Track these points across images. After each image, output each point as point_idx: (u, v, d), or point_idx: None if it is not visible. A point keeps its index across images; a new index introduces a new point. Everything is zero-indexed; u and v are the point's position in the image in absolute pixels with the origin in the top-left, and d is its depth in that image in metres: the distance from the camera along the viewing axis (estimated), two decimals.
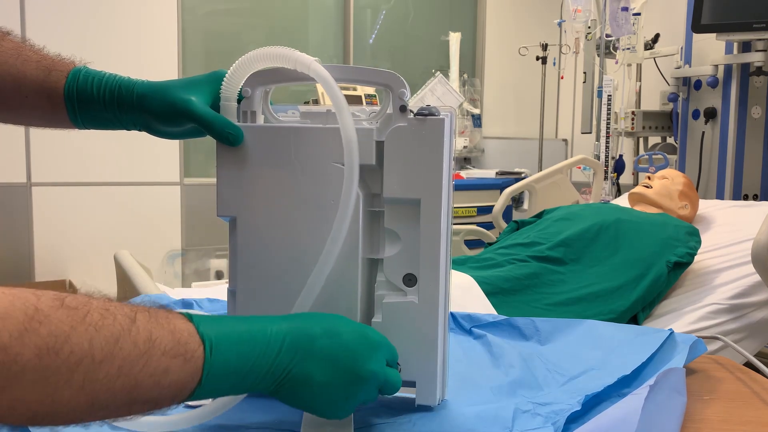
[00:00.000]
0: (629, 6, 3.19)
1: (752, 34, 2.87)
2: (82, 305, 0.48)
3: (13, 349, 0.43)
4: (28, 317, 0.45)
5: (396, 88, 0.70)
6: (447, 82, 3.69)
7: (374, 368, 0.63)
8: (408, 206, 0.70)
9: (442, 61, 4.48)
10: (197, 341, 0.54)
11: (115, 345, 0.48)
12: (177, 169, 3.76)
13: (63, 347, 0.45)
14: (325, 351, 0.60)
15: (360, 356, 0.62)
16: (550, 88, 4.53)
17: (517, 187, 2.91)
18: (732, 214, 2.16)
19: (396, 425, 0.69)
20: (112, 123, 0.75)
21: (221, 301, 1.08)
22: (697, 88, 3.32)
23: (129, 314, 0.51)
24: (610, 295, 1.64)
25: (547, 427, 0.67)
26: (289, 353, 0.59)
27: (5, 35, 0.74)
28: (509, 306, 1.57)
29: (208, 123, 0.70)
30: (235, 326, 0.58)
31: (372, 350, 0.63)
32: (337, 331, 0.62)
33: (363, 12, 4.44)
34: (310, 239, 0.70)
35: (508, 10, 4.78)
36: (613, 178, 3.39)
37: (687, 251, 1.76)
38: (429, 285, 0.71)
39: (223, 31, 4.03)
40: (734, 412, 0.75)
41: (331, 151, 0.69)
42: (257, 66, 0.70)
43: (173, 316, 0.55)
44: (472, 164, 4.52)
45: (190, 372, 0.53)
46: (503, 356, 0.88)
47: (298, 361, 0.59)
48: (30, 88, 0.73)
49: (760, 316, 1.69)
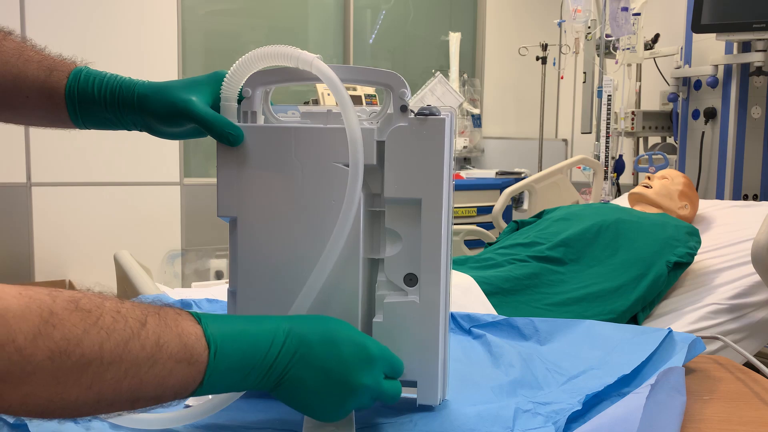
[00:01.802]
0: (629, 6, 3.19)
1: (752, 34, 2.87)
2: (96, 308, 0.50)
3: (27, 350, 0.45)
4: (43, 320, 0.46)
5: (396, 88, 0.70)
6: (447, 82, 3.69)
7: (366, 382, 0.62)
8: (409, 206, 0.70)
9: (442, 61, 4.48)
10: (203, 345, 0.55)
11: (125, 349, 0.50)
12: (177, 169, 3.76)
13: (75, 350, 0.47)
14: (320, 360, 0.61)
15: (353, 369, 0.62)
16: (550, 88, 4.53)
17: (517, 187, 2.91)
18: (732, 214, 2.16)
19: (397, 425, 0.69)
20: (113, 123, 0.75)
21: (221, 302, 1.08)
22: (697, 88, 3.32)
23: (140, 318, 0.52)
24: (610, 295, 1.64)
25: (548, 426, 0.67)
26: (287, 356, 0.60)
27: (7, 35, 0.74)
28: (509, 306, 1.57)
29: (209, 123, 0.70)
30: (242, 328, 0.59)
31: (367, 364, 0.63)
32: (335, 340, 0.62)
33: (363, 12, 4.44)
34: (310, 239, 0.70)
35: (508, 10, 4.78)
36: (613, 178, 3.39)
37: (687, 251, 1.76)
38: (430, 285, 0.71)
39: (223, 31, 4.03)
40: (734, 412, 0.75)
41: (331, 151, 0.70)
42: (258, 66, 0.70)
43: (182, 318, 0.56)
44: (472, 164, 4.52)
45: (193, 374, 0.55)
46: (503, 356, 0.88)
47: (293, 365, 0.60)
48: (31, 88, 0.73)
49: (760, 316, 1.69)
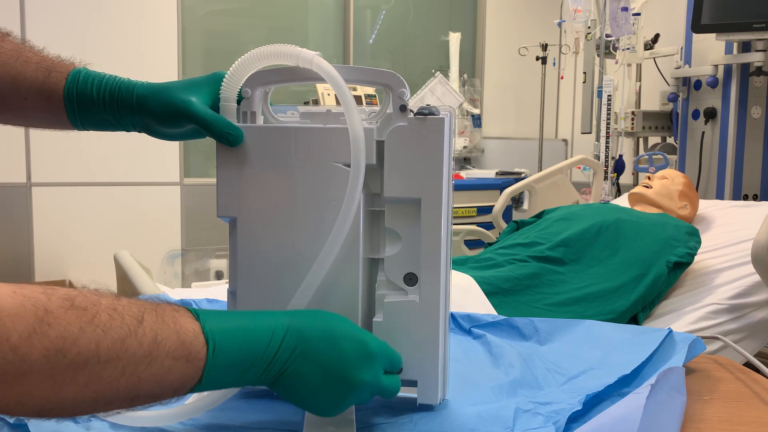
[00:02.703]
0: (629, 6, 3.19)
1: (752, 34, 2.87)
2: (92, 305, 0.49)
3: (22, 349, 0.44)
4: (38, 319, 0.45)
5: (396, 88, 0.70)
6: (447, 82, 3.69)
7: (366, 378, 0.62)
8: (408, 205, 0.70)
9: (442, 61, 4.48)
10: (201, 342, 0.55)
11: (122, 346, 0.49)
12: (177, 169, 3.76)
13: (71, 348, 0.47)
14: (319, 355, 0.60)
15: (353, 365, 0.62)
16: (550, 88, 4.53)
17: (517, 187, 2.91)
18: (732, 214, 2.15)
19: (397, 425, 0.69)
20: (112, 124, 0.75)
21: (221, 302, 1.08)
22: (696, 88, 3.32)
23: (137, 315, 0.51)
24: (610, 295, 1.63)
25: (548, 426, 0.67)
26: (286, 352, 0.59)
27: (5, 36, 0.74)
28: (509, 306, 1.57)
29: (208, 124, 0.70)
30: (240, 324, 0.59)
31: (366, 360, 0.63)
32: (334, 336, 0.62)
33: (363, 12, 4.44)
34: (310, 239, 0.70)
35: (508, 10, 4.78)
36: (613, 178, 3.39)
37: (687, 251, 1.76)
38: (430, 284, 0.71)
39: (223, 31, 4.03)
40: (734, 412, 0.74)
41: (331, 151, 0.69)
42: (257, 65, 0.70)
43: (180, 314, 0.55)
44: (472, 164, 4.52)
45: (192, 371, 0.54)
46: (503, 356, 0.88)
47: (292, 361, 0.60)
48: (30, 89, 0.73)
49: (760, 316, 1.69)
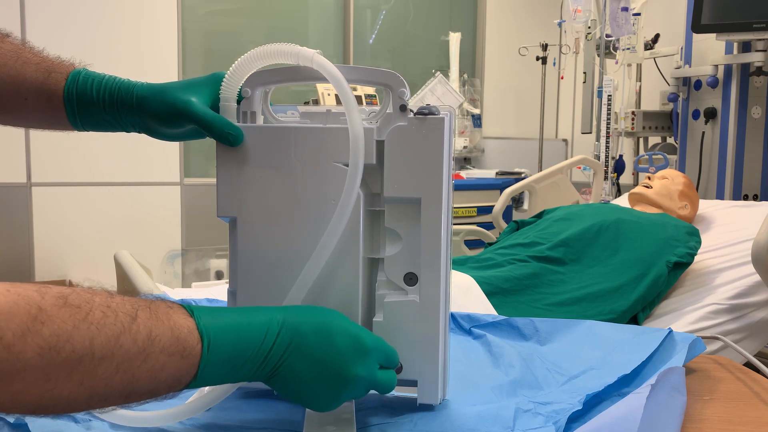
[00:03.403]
0: (629, 6, 3.19)
1: (752, 34, 2.87)
2: (85, 303, 0.49)
3: (16, 347, 0.44)
4: (32, 317, 0.45)
5: (396, 88, 0.70)
6: (447, 82, 3.69)
7: (361, 373, 0.62)
8: (408, 205, 0.70)
9: (442, 61, 4.48)
10: (196, 338, 0.55)
11: (116, 343, 0.49)
12: (177, 169, 3.76)
13: (65, 346, 0.46)
14: (314, 350, 0.61)
15: (347, 360, 0.62)
16: (550, 88, 4.53)
17: (517, 187, 2.91)
18: (732, 214, 2.15)
19: (397, 425, 0.69)
20: (112, 125, 0.75)
21: (221, 302, 1.08)
22: (697, 88, 3.32)
23: (130, 312, 0.51)
24: (610, 295, 1.63)
25: (549, 426, 0.67)
26: (281, 347, 0.59)
27: (5, 37, 0.74)
28: (509, 306, 1.57)
29: (208, 124, 0.70)
30: (235, 320, 0.59)
31: (361, 355, 0.63)
32: (329, 331, 0.62)
33: (363, 12, 4.44)
34: (309, 239, 0.70)
35: (508, 10, 4.78)
36: (613, 178, 3.39)
37: (687, 251, 1.76)
38: (430, 284, 0.71)
39: (223, 31, 4.03)
40: (734, 412, 0.74)
41: (331, 150, 0.70)
42: (257, 65, 0.70)
43: (174, 311, 0.55)
44: (472, 164, 4.52)
45: (187, 367, 0.55)
46: (503, 356, 0.88)
47: (287, 356, 0.60)
48: (29, 90, 0.73)
49: (760, 316, 1.69)
